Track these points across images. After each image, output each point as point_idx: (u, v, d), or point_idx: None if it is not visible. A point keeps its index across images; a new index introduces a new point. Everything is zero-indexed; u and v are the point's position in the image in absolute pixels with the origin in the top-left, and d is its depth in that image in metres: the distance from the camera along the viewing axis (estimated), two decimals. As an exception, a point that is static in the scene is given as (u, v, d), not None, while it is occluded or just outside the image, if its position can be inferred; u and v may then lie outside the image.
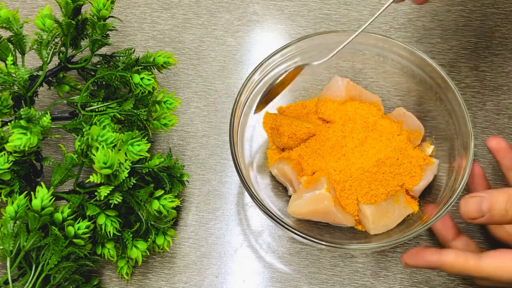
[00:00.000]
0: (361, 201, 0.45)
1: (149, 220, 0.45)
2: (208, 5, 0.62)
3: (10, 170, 0.40)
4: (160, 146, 0.55)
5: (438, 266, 0.41)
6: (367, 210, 0.45)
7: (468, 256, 0.40)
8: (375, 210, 0.45)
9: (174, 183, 0.48)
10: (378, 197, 0.45)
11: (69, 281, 0.44)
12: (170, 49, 0.60)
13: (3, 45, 0.46)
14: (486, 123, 0.54)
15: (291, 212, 0.46)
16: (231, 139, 0.46)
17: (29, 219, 0.40)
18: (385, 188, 0.45)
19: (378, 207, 0.45)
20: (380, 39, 0.49)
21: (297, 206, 0.46)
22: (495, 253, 0.40)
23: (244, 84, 0.48)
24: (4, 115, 0.43)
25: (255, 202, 0.43)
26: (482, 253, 0.40)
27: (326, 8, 0.61)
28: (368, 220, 0.45)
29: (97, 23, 0.46)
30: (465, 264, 0.40)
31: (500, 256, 0.40)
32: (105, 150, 0.39)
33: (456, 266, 0.40)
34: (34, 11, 0.63)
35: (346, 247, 0.42)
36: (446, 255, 0.41)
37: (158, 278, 0.49)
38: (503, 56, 0.57)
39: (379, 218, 0.45)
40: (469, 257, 0.40)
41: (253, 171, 0.49)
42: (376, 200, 0.45)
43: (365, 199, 0.45)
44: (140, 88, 0.46)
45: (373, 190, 0.45)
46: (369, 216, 0.45)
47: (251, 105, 0.50)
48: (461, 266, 0.40)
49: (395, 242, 0.42)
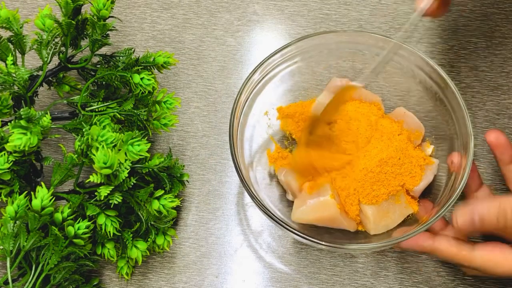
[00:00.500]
0: (362, 201, 0.45)
1: (149, 220, 0.45)
2: (208, 5, 0.62)
3: (10, 170, 0.40)
4: (160, 146, 0.55)
5: (430, 252, 0.42)
6: (368, 210, 0.45)
7: (461, 246, 0.41)
8: (376, 211, 0.45)
9: (174, 183, 0.48)
10: (379, 197, 0.45)
11: (69, 281, 0.44)
12: (170, 49, 0.60)
13: (3, 45, 0.46)
14: (486, 123, 0.54)
15: (295, 219, 0.46)
16: (231, 139, 0.45)
17: (29, 219, 0.40)
18: (386, 188, 0.45)
19: (379, 207, 0.45)
20: (380, 39, 0.49)
21: (302, 213, 0.45)
22: (487, 246, 0.41)
23: (244, 84, 0.48)
24: (4, 115, 0.43)
25: (255, 202, 0.43)
26: (475, 245, 0.41)
27: (326, 8, 0.61)
28: (369, 220, 0.45)
29: (97, 23, 0.46)
30: (457, 253, 0.41)
31: (491, 249, 0.41)
32: (105, 150, 0.39)
33: (448, 254, 0.42)
34: (34, 11, 0.63)
35: (346, 247, 0.42)
36: (439, 242, 0.42)
37: (158, 278, 0.49)
38: (503, 56, 0.57)
39: (380, 218, 0.45)
40: (462, 247, 0.41)
41: (253, 171, 0.49)
42: (377, 201, 0.45)
43: (367, 199, 0.45)
44: (140, 88, 0.46)
45: (375, 191, 0.45)
46: (371, 217, 0.45)
47: (250, 105, 0.50)
48: (453, 254, 0.42)
49: (395, 242, 0.42)
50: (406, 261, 0.49)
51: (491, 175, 0.52)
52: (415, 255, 0.49)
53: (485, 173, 0.52)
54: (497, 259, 0.40)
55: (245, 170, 0.47)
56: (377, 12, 0.61)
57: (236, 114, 0.47)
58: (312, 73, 0.53)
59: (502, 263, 0.40)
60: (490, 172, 0.52)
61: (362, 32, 0.45)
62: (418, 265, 0.49)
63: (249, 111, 0.50)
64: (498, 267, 0.40)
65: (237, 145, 0.46)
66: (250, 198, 0.44)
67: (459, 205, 0.41)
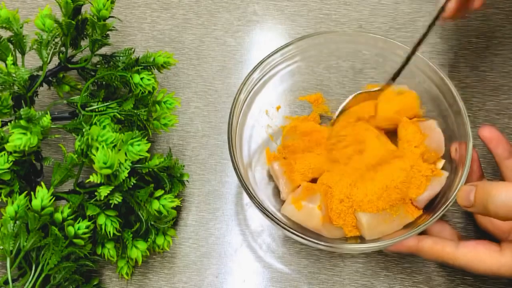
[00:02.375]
0: (357, 210, 0.45)
1: (149, 220, 0.45)
2: (208, 5, 0.62)
3: (10, 170, 0.40)
4: (160, 146, 0.55)
5: (415, 252, 0.42)
6: (363, 218, 0.44)
7: (445, 244, 0.41)
8: (371, 218, 0.44)
9: (174, 183, 0.48)
10: (378, 208, 0.45)
11: (69, 281, 0.44)
12: (170, 49, 0.60)
13: (3, 45, 0.46)
14: (486, 123, 0.54)
15: (284, 212, 0.46)
16: (229, 138, 0.45)
17: (29, 219, 0.40)
18: (387, 203, 0.45)
19: (375, 215, 0.44)
20: (380, 39, 0.49)
21: (290, 211, 0.46)
22: (471, 243, 0.41)
23: (243, 83, 0.48)
24: (4, 115, 0.43)
25: (254, 202, 0.43)
26: (459, 242, 0.41)
27: (326, 8, 0.61)
28: (363, 227, 0.44)
29: (97, 23, 0.46)
30: (441, 251, 0.41)
31: (476, 246, 0.40)
32: (105, 150, 0.39)
33: (432, 253, 0.42)
34: (34, 11, 0.63)
35: (344, 246, 0.42)
36: (424, 241, 0.42)
37: (158, 278, 0.49)
38: (503, 56, 0.57)
39: (375, 227, 0.44)
40: (445, 245, 0.41)
41: (252, 171, 0.49)
42: (376, 210, 0.45)
43: (363, 209, 0.45)
44: (140, 88, 0.46)
45: (376, 205, 0.45)
46: (365, 224, 0.44)
47: (250, 104, 0.50)
48: (437, 253, 0.41)
49: (391, 243, 0.41)
50: (406, 261, 0.49)
51: (491, 174, 0.52)
52: (415, 255, 0.49)
53: (484, 173, 0.52)
54: (480, 256, 0.40)
55: (244, 170, 0.47)
56: (377, 12, 0.61)
57: (235, 114, 0.47)
58: (312, 73, 0.53)
59: (485, 260, 0.39)
60: (490, 171, 0.52)
61: (361, 32, 0.45)
62: (418, 265, 0.49)
63: (248, 110, 0.50)
64: (481, 264, 0.40)
65: (235, 145, 0.46)
66: (249, 198, 0.44)
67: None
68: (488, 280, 0.48)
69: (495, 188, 0.37)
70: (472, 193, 0.39)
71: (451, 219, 0.51)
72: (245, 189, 0.44)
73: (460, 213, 0.51)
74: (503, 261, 0.39)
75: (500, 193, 0.37)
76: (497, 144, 0.45)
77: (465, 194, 0.40)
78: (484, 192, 0.38)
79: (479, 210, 0.39)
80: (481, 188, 0.39)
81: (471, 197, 0.39)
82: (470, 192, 0.40)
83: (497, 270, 0.39)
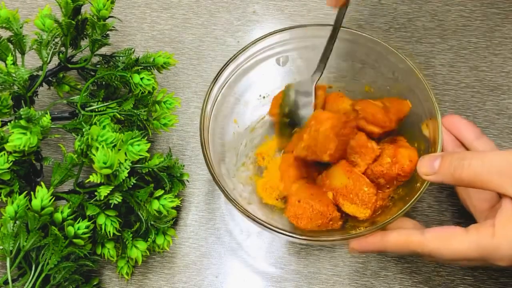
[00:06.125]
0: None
1: (149, 220, 0.45)
2: (208, 5, 0.62)
3: (10, 170, 0.40)
4: (160, 146, 0.55)
5: (382, 249, 0.41)
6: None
7: (410, 233, 0.40)
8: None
9: (174, 183, 0.48)
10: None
11: (69, 281, 0.44)
12: (170, 49, 0.60)
13: (3, 45, 0.46)
14: (486, 123, 0.54)
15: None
16: (201, 136, 0.45)
17: (29, 219, 0.40)
18: None
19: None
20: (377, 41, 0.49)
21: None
22: (437, 228, 0.39)
23: (217, 77, 0.48)
24: (4, 115, 0.43)
25: (225, 196, 0.43)
26: (425, 229, 0.40)
27: (326, 8, 0.61)
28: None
29: (97, 23, 0.46)
30: (407, 242, 0.39)
31: (441, 230, 0.39)
32: (105, 150, 0.39)
33: (399, 245, 0.40)
34: (34, 11, 0.63)
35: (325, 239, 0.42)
36: (388, 235, 0.40)
37: (158, 278, 0.49)
38: (503, 56, 0.57)
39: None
40: (411, 234, 0.40)
41: (225, 166, 0.49)
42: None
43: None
44: (140, 88, 0.46)
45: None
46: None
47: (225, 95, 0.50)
48: (404, 244, 0.40)
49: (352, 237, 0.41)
50: (406, 261, 0.49)
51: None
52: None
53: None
54: (447, 238, 0.38)
55: (217, 167, 0.46)
56: (377, 12, 0.61)
57: (207, 106, 0.46)
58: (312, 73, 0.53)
59: (452, 242, 0.38)
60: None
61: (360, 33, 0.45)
62: (418, 265, 0.49)
63: (223, 101, 0.50)
64: (449, 247, 0.38)
65: (207, 142, 0.45)
66: (222, 193, 0.43)
67: None
68: (488, 280, 0.48)
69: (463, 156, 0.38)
70: (437, 161, 0.39)
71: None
72: (217, 184, 0.43)
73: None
74: (469, 240, 0.38)
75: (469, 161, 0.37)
76: (460, 126, 0.45)
77: (428, 161, 0.40)
78: (453, 159, 0.38)
79: (444, 177, 0.39)
80: (450, 155, 0.39)
81: (436, 164, 0.39)
82: (435, 160, 0.39)
83: (465, 251, 0.38)
